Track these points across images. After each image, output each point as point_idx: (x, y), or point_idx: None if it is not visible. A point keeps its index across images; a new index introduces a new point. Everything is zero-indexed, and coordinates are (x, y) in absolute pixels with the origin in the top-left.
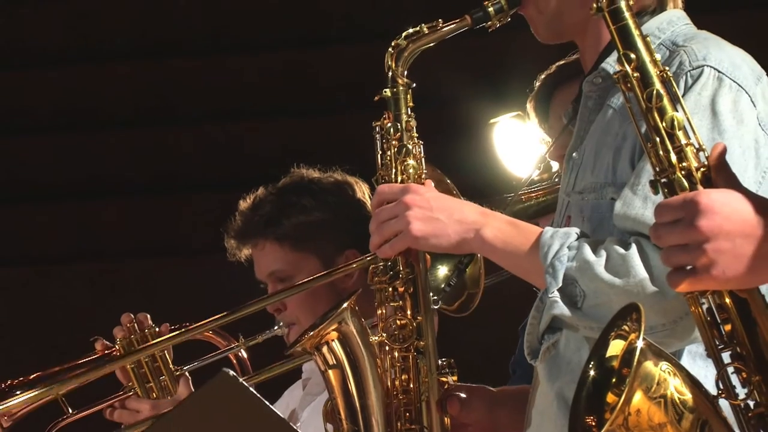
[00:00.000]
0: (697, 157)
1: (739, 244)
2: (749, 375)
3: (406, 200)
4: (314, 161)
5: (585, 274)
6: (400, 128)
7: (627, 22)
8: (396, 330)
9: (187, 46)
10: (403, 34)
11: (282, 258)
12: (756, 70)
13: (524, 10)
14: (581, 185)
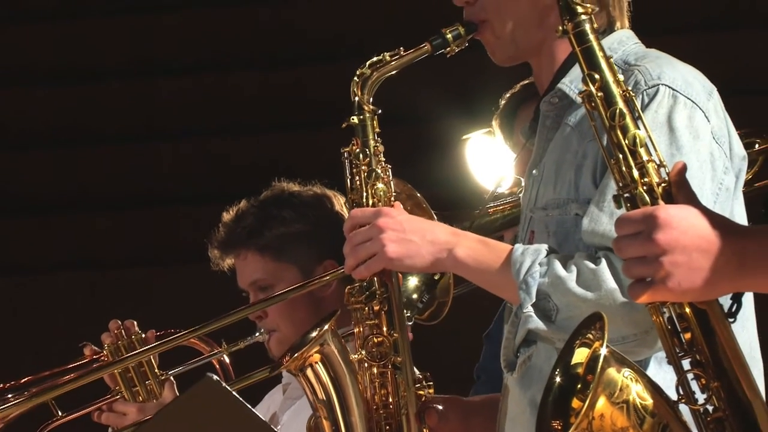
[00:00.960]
0: (658, 173)
1: (695, 258)
2: (708, 381)
3: (380, 223)
4: (295, 175)
5: (557, 289)
6: (368, 153)
7: (591, 44)
8: (374, 347)
9: (176, 65)
10: (367, 63)
11: (263, 268)
12: (707, 86)
13: (481, 36)
14: (543, 201)
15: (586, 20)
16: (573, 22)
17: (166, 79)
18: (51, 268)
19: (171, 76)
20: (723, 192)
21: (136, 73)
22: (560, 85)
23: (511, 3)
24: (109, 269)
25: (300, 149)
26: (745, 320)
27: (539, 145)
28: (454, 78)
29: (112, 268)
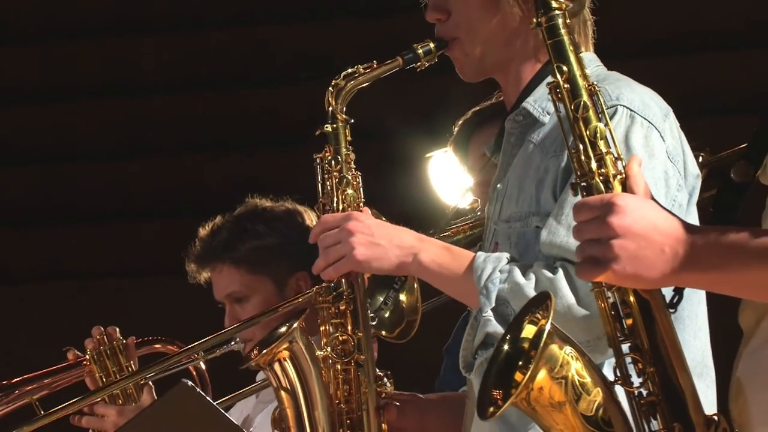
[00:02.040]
0: (615, 165)
1: (643, 246)
2: (645, 366)
3: (349, 227)
4: (267, 192)
5: (516, 295)
6: (340, 160)
7: (562, 37)
8: (338, 345)
9: (156, 84)
10: (341, 74)
11: (238, 280)
12: (663, 107)
13: (450, 52)
14: (507, 214)
15: (559, 15)
16: (546, 16)
17: (143, 99)
18: (32, 280)
19: (147, 97)
20: (676, 208)
21: (114, 93)
22: (525, 104)
23: (481, 23)
24: (89, 280)
25: (271, 167)
26: (698, 330)
27: (504, 160)
28: (418, 99)
29: (91, 279)
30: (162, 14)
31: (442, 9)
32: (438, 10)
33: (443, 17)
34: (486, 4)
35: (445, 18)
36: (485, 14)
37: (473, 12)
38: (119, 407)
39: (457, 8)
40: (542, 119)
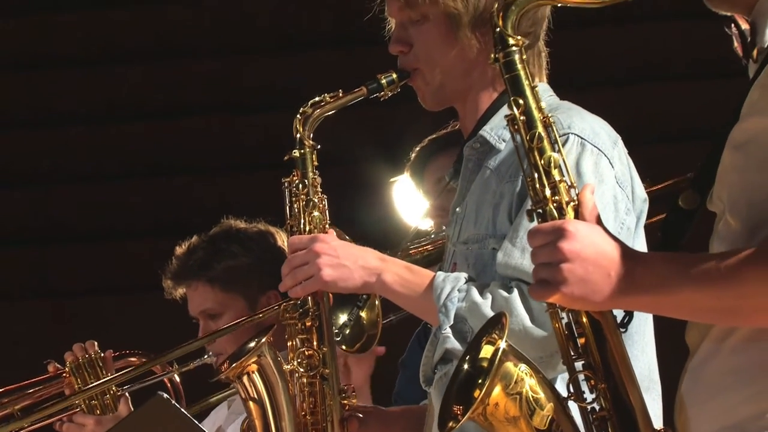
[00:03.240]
0: (568, 193)
1: (591, 272)
2: (597, 383)
3: (316, 248)
4: (241, 213)
5: (474, 313)
6: (307, 184)
7: (518, 72)
8: (305, 359)
9: (133, 111)
10: (309, 102)
11: (212, 297)
12: (612, 135)
13: (413, 82)
14: (465, 236)
15: (515, 51)
16: (504, 52)
17: (120, 125)
18: (13, 298)
19: (125, 123)
20: (624, 231)
21: (92, 119)
22: (482, 132)
23: (441, 54)
24: (69, 298)
25: (244, 189)
26: (645, 345)
27: (462, 185)
28: (382, 126)
29: (71, 297)
30: (140, 44)
31: (405, 42)
32: (400, 43)
33: (405, 49)
34: (445, 37)
35: (407, 50)
36: (444, 46)
37: (433, 44)
38: (97, 417)
39: (418, 41)
40: (498, 146)
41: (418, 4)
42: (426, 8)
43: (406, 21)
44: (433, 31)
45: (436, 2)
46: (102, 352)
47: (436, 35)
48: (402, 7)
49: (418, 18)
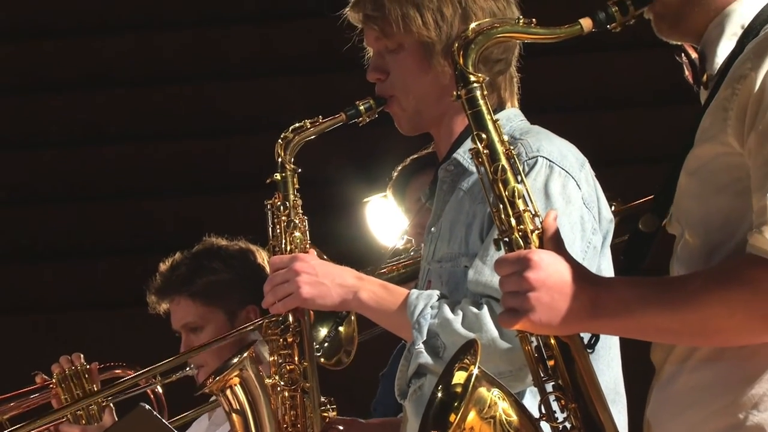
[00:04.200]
0: (533, 221)
1: (556, 299)
2: (567, 403)
3: (296, 267)
4: (223, 232)
5: (445, 329)
6: (288, 206)
7: (480, 108)
8: (286, 374)
9: (115, 134)
10: (290, 128)
11: (194, 312)
12: (579, 158)
13: (389, 108)
14: (439, 255)
15: (477, 87)
16: (466, 89)
17: (104, 147)
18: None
19: (108, 145)
20: (591, 250)
21: (78, 142)
22: (455, 155)
23: (416, 81)
24: (51, 313)
25: (223, 210)
26: (611, 360)
27: (437, 206)
28: (357, 148)
29: (57, 312)
30: (120, 70)
31: (381, 70)
32: (377, 71)
33: (382, 77)
34: (420, 64)
35: (384, 78)
36: (419, 73)
37: (408, 72)
38: (83, 427)
39: (394, 69)
40: (471, 169)
41: (394, 34)
42: (401, 37)
43: (382, 50)
44: (408, 60)
45: (411, 31)
46: (87, 365)
47: (411, 63)
48: (379, 37)
49: (394, 47)
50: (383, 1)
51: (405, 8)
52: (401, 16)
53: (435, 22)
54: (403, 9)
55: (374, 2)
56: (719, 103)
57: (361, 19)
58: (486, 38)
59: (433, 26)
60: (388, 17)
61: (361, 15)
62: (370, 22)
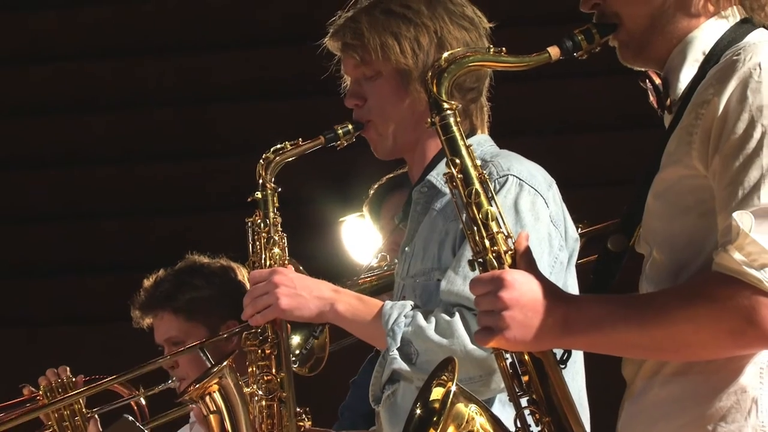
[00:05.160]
0: (506, 242)
1: (529, 317)
2: (541, 416)
3: (275, 280)
4: (205, 250)
5: (419, 336)
6: (268, 224)
7: (454, 134)
8: (264, 384)
9: (107, 156)
10: (271, 149)
11: (177, 326)
12: (547, 178)
13: (366, 133)
14: (413, 272)
15: (450, 114)
16: (440, 116)
17: (91, 168)
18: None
19: (97, 165)
20: (558, 265)
21: (65, 163)
22: (429, 177)
23: (393, 108)
24: (40, 328)
25: (206, 228)
26: (575, 373)
27: (411, 226)
28: (333, 168)
29: (42, 326)
30: (110, 94)
31: (359, 96)
32: (355, 97)
33: (360, 103)
34: (396, 90)
35: (361, 104)
36: (396, 100)
37: (385, 98)
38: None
39: (371, 95)
40: (444, 190)
41: (373, 61)
42: (379, 65)
43: (360, 77)
44: (386, 86)
45: (389, 59)
46: (73, 377)
47: (388, 90)
48: (357, 65)
49: (371, 74)
50: (362, 30)
51: (383, 37)
52: (380, 44)
53: (412, 50)
54: (381, 38)
55: (354, 31)
56: (684, 127)
57: (340, 47)
58: (458, 67)
59: (410, 54)
60: (367, 45)
61: (340, 43)
62: (350, 50)
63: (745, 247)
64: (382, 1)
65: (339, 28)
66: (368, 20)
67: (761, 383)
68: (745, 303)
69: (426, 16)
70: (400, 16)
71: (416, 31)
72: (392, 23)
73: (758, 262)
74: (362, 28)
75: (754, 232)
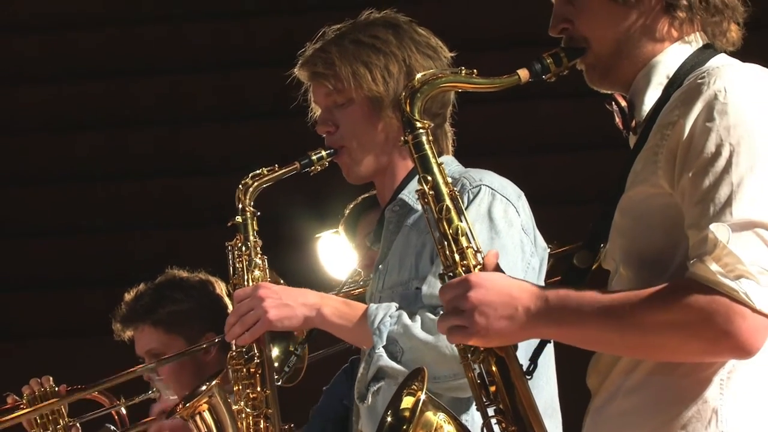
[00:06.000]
0: (475, 257)
1: (500, 310)
2: (507, 425)
3: (260, 294)
4: (184, 264)
5: (404, 334)
6: (249, 247)
7: (426, 152)
8: (250, 401)
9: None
10: (249, 175)
11: (157, 339)
12: (517, 190)
13: (339, 159)
14: (389, 284)
15: (423, 133)
16: (412, 134)
17: (79, 184)
18: None
19: (82, 182)
20: (530, 270)
21: (56, 180)
22: (401, 195)
23: (365, 133)
24: (28, 340)
25: (188, 245)
26: (549, 378)
27: (384, 245)
28: (309, 187)
29: (29, 338)
30: (94, 114)
31: (331, 123)
32: (326, 124)
33: (332, 130)
34: (368, 117)
35: (333, 131)
36: (367, 126)
37: (357, 124)
38: None
39: (344, 122)
40: (416, 207)
41: (344, 89)
42: (351, 92)
43: (331, 105)
44: (358, 113)
45: (361, 87)
46: (56, 387)
47: (360, 116)
48: (329, 93)
49: (343, 102)
50: (333, 60)
51: (354, 66)
52: (352, 73)
53: (383, 78)
54: (353, 67)
55: (324, 61)
56: (650, 148)
57: (310, 76)
58: (431, 87)
59: (381, 82)
60: (339, 74)
61: (310, 73)
62: (321, 78)
63: (722, 258)
64: (350, 32)
65: (309, 58)
66: (338, 50)
67: (722, 394)
68: (720, 312)
69: (394, 45)
70: (369, 45)
71: (386, 59)
72: (362, 53)
73: (734, 273)
74: (333, 58)
75: (731, 244)
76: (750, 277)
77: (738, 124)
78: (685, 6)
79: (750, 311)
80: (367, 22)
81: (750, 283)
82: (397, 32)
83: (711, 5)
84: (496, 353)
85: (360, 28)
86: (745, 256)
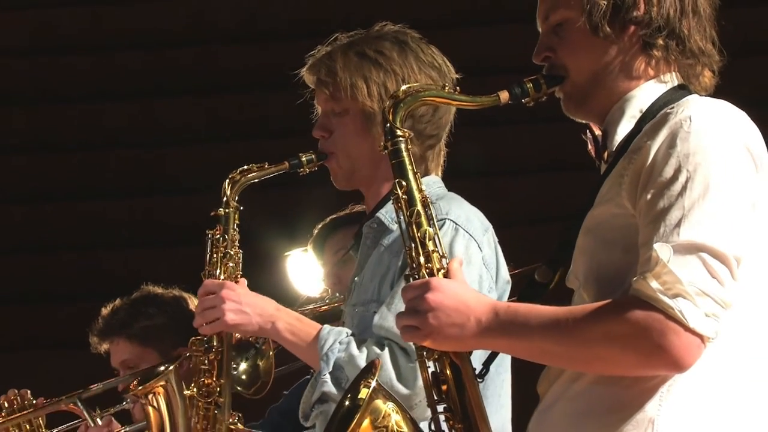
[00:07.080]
0: (440, 261)
1: (454, 317)
2: (455, 423)
3: (223, 294)
4: (159, 281)
5: (350, 363)
6: (227, 239)
7: (403, 159)
8: (203, 387)
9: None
10: (238, 170)
11: (131, 351)
12: (484, 223)
13: (328, 163)
14: (355, 301)
15: (402, 141)
16: (392, 141)
17: (66, 203)
18: None
19: (71, 201)
20: None
21: (42, 196)
22: (378, 214)
23: (354, 145)
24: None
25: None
26: (501, 406)
27: (361, 258)
28: (278, 206)
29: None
30: (69, 135)
31: (326, 128)
32: (322, 129)
33: (326, 135)
34: (360, 130)
35: (327, 136)
36: (358, 139)
37: (349, 135)
38: None
39: (337, 130)
40: (391, 227)
41: (341, 99)
42: (347, 103)
43: (329, 111)
44: (351, 124)
45: (356, 99)
46: (34, 399)
47: (352, 128)
48: (328, 99)
49: (339, 110)
50: (336, 69)
51: (354, 78)
52: (350, 84)
53: (378, 95)
54: (352, 78)
55: (328, 69)
56: (617, 170)
57: (314, 81)
58: (414, 99)
59: (376, 98)
60: (338, 84)
61: (315, 78)
62: (322, 85)
63: (662, 276)
64: (358, 43)
65: (316, 62)
66: (343, 60)
67: (660, 405)
68: (656, 327)
69: (396, 63)
70: (372, 60)
71: (385, 76)
72: (364, 66)
73: (672, 291)
74: (336, 67)
75: (672, 264)
76: (687, 296)
77: (697, 152)
78: (661, 46)
79: (683, 329)
80: (378, 35)
81: (686, 303)
82: (402, 49)
83: (687, 49)
84: (450, 356)
85: (368, 41)
86: (684, 276)
